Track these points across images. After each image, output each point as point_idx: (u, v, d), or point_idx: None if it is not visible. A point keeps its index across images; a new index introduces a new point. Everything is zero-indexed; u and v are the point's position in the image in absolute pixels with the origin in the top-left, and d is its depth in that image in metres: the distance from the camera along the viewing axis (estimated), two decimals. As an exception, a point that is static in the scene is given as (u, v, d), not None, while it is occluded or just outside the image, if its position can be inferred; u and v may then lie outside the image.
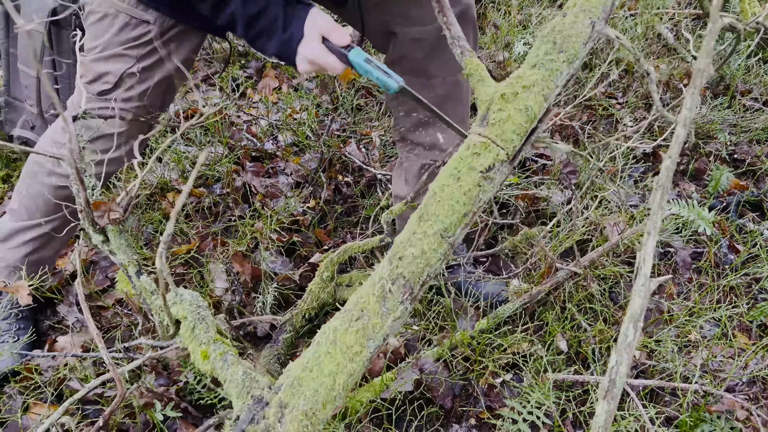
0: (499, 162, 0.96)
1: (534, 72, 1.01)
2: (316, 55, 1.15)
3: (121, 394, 1.04)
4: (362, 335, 0.90)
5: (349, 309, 0.93)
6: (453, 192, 0.97)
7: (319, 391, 0.86)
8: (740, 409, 1.26)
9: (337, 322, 0.92)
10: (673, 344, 1.43)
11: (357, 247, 1.50)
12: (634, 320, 1.02)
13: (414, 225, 0.97)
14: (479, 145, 0.97)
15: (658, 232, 0.83)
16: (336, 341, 0.89)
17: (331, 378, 0.87)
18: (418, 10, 1.38)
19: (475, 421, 1.32)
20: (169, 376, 1.42)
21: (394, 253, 0.96)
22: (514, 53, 2.45)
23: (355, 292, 0.95)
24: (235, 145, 2.17)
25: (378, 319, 0.91)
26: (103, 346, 0.99)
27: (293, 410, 0.84)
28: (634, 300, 0.97)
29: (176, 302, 1.04)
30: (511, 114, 0.98)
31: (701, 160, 2.12)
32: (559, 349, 1.41)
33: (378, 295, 0.93)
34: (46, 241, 1.50)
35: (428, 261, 0.95)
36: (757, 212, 1.92)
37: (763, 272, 1.62)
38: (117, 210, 1.05)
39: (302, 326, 1.51)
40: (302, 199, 1.99)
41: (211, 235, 1.81)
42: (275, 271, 1.72)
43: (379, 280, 0.94)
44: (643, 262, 0.93)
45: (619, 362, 1.00)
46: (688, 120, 0.81)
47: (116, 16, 1.23)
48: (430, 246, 0.95)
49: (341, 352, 0.89)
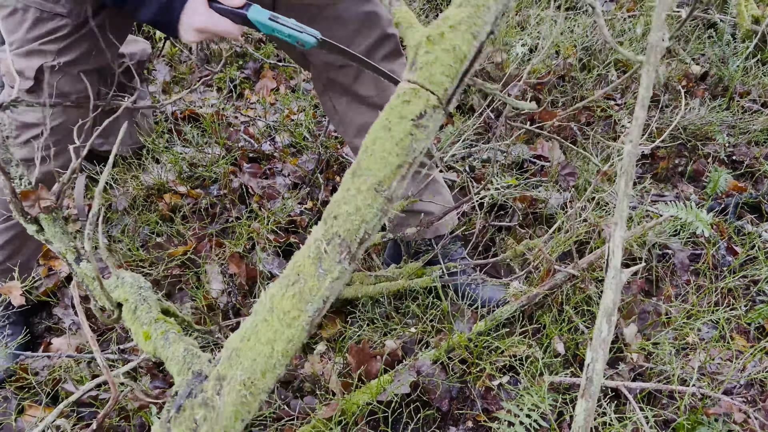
0: (430, 108, 0.91)
1: (460, 11, 0.96)
2: (204, 22, 1.06)
3: (114, 397, 1.03)
4: (299, 299, 0.88)
5: (286, 274, 0.90)
6: (385, 144, 0.93)
7: (257, 360, 0.85)
8: (738, 412, 1.26)
9: (273, 289, 0.89)
10: (670, 346, 1.43)
11: None
12: (607, 315, 0.96)
13: (348, 182, 0.94)
14: (409, 92, 0.92)
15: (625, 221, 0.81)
16: (273, 308, 0.87)
17: (269, 346, 0.85)
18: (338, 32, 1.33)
19: (472, 423, 1.31)
20: (165, 378, 1.41)
21: (329, 212, 0.92)
22: (512, 54, 2.44)
23: (291, 258, 0.93)
24: (233, 146, 2.17)
25: (315, 281, 0.88)
26: (97, 348, 0.98)
27: (231, 381, 0.82)
28: (606, 294, 0.92)
29: (118, 285, 1.03)
30: (439, 55, 0.93)
31: (699, 162, 2.12)
32: (557, 351, 1.40)
33: (314, 257, 0.89)
34: (16, 248, 1.46)
35: (363, 217, 0.92)
36: (756, 214, 1.92)
37: (762, 274, 1.62)
38: (48, 198, 1.04)
39: None
40: (299, 200, 1.99)
41: (207, 236, 1.80)
42: (272, 272, 1.71)
43: (314, 241, 0.90)
44: (612, 254, 0.91)
45: (594, 359, 0.95)
46: (646, 100, 0.79)
47: (26, 11, 1.18)
48: (365, 201, 0.92)
49: (278, 319, 0.86)
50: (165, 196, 1.95)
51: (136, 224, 1.84)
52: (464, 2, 0.96)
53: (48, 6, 1.16)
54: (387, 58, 1.41)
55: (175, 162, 2.05)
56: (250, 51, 2.61)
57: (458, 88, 0.93)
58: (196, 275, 1.68)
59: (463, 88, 0.95)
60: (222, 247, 1.75)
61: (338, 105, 1.45)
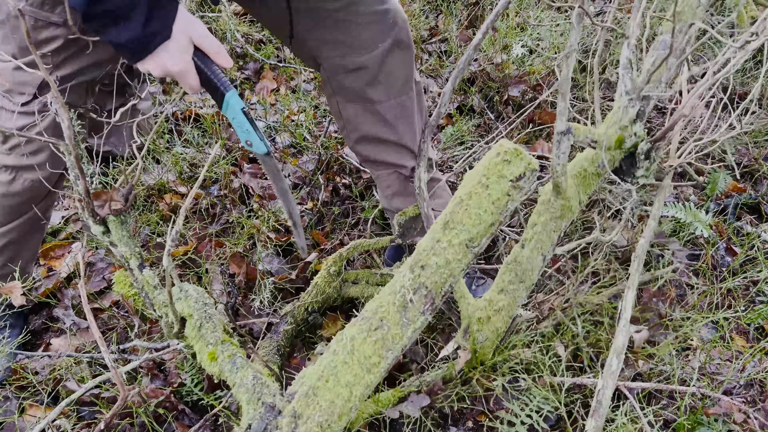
0: (530, 171, 0.99)
1: (501, 297, 1.24)
2: (180, 71, 0.97)
3: (123, 397, 1.03)
4: (381, 346, 0.87)
5: (368, 317, 0.89)
6: (481, 201, 0.94)
7: (336, 403, 0.83)
8: (738, 412, 1.26)
9: (354, 330, 0.89)
10: (670, 347, 1.43)
11: (367, 244, 1.49)
12: (617, 353, 1.17)
13: (438, 233, 0.94)
14: (510, 152, 1.04)
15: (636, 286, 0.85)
16: (354, 351, 0.86)
17: (347, 389, 0.84)
18: (355, 35, 1.32)
19: (473, 423, 1.31)
20: (166, 378, 1.41)
21: (416, 261, 0.92)
22: (512, 55, 2.45)
23: (372, 300, 0.92)
24: (233, 146, 2.17)
25: (398, 330, 0.88)
26: (105, 349, 0.98)
27: (308, 421, 0.81)
28: (617, 338, 1.16)
29: (180, 298, 1.01)
30: (488, 336, 1.23)
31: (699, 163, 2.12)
32: (557, 353, 1.40)
33: (399, 305, 0.90)
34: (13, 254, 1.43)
35: (452, 271, 0.92)
36: (755, 215, 1.92)
37: (761, 275, 1.62)
38: (118, 200, 1.03)
39: (303, 319, 1.51)
40: (299, 200, 1.99)
41: (208, 236, 1.80)
42: (271, 271, 1.72)
43: (400, 288, 0.90)
44: (624, 310, 1.19)
45: (605, 386, 1.12)
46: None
47: (20, 18, 1.13)
48: (455, 256, 0.92)
49: (359, 363, 0.85)
50: (165, 196, 1.95)
51: (137, 224, 1.84)
52: (505, 291, 1.25)
53: (43, 15, 1.10)
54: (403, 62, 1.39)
55: (176, 162, 2.05)
56: (250, 51, 2.61)
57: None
58: (196, 275, 1.68)
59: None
60: (222, 247, 1.75)
61: (344, 111, 1.44)
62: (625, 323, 1.17)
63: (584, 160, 1.37)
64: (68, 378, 1.40)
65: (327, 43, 1.33)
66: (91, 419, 1.34)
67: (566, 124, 1.10)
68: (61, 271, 1.71)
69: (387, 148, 1.48)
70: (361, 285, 1.53)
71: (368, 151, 1.50)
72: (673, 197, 1.98)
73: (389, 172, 1.53)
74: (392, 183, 1.56)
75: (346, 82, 1.38)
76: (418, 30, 2.73)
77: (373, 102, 1.40)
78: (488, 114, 2.34)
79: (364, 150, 1.50)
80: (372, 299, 0.93)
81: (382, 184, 1.59)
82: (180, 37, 0.95)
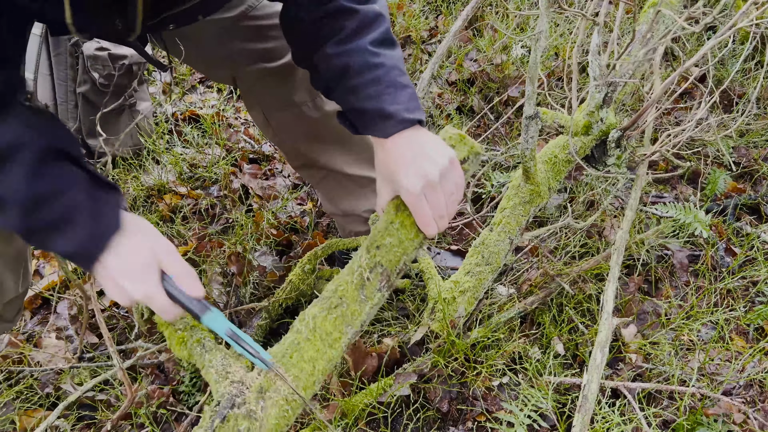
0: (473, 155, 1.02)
1: (467, 279, 1.30)
2: (146, 292, 0.81)
3: (130, 398, 1.04)
4: (341, 322, 0.92)
5: (328, 296, 0.94)
6: None
7: (300, 377, 0.87)
8: (737, 413, 1.26)
9: (315, 309, 0.93)
10: (670, 347, 1.43)
11: (341, 243, 1.50)
12: (601, 346, 1.18)
13: (391, 214, 0.99)
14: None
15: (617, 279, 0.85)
16: (315, 328, 0.91)
17: (310, 364, 0.89)
18: (264, 44, 1.30)
19: (472, 423, 1.31)
20: (166, 379, 1.41)
21: (372, 241, 0.98)
22: (512, 56, 2.45)
23: (332, 280, 0.97)
24: (233, 146, 2.17)
25: (356, 306, 0.94)
26: (114, 350, 0.99)
27: (274, 395, 0.84)
28: (600, 333, 1.19)
29: None
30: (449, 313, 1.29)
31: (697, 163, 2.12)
32: (557, 352, 1.41)
33: (356, 283, 0.95)
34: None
35: (405, 250, 0.98)
36: (755, 215, 1.92)
37: (761, 275, 1.62)
38: None
39: (278, 314, 1.51)
40: (299, 200, 1.99)
41: (207, 236, 1.80)
42: (265, 267, 1.72)
43: (357, 268, 0.96)
44: (605, 302, 1.22)
45: (590, 380, 1.13)
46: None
47: None
48: (407, 235, 0.98)
49: (321, 339, 0.90)
50: (165, 196, 1.96)
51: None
52: (471, 272, 1.31)
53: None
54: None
55: (176, 163, 2.05)
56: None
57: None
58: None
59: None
60: (222, 247, 1.75)
61: (271, 119, 1.42)
62: (607, 316, 1.19)
63: (555, 146, 1.40)
64: (65, 381, 1.40)
65: (239, 53, 1.30)
66: (91, 420, 1.34)
67: (534, 108, 1.12)
68: (60, 272, 1.71)
69: (322, 150, 1.49)
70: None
71: (304, 157, 1.51)
72: (672, 197, 1.98)
73: (326, 175, 1.55)
74: (334, 185, 1.58)
75: (267, 90, 1.36)
76: (418, 30, 2.73)
77: (298, 104, 1.39)
78: (488, 114, 2.34)
79: (299, 157, 1.51)
80: (332, 280, 0.97)
81: (324, 188, 1.60)
82: (132, 247, 0.82)
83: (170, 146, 2.17)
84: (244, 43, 1.29)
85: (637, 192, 1.47)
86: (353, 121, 1.02)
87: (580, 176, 1.97)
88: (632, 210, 1.44)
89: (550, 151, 1.38)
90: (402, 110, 0.95)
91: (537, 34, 1.01)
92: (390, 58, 0.99)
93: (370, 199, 1.61)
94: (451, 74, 2.53)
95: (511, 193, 1.34)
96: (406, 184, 0.93)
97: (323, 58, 1.01)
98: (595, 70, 1.27)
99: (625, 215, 1.43)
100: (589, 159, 1.43)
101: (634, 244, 1.68)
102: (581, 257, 1.67)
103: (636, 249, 1.67)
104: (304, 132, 1.45)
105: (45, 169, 0.77)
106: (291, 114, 1.39)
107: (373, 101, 0.96)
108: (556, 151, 1.38)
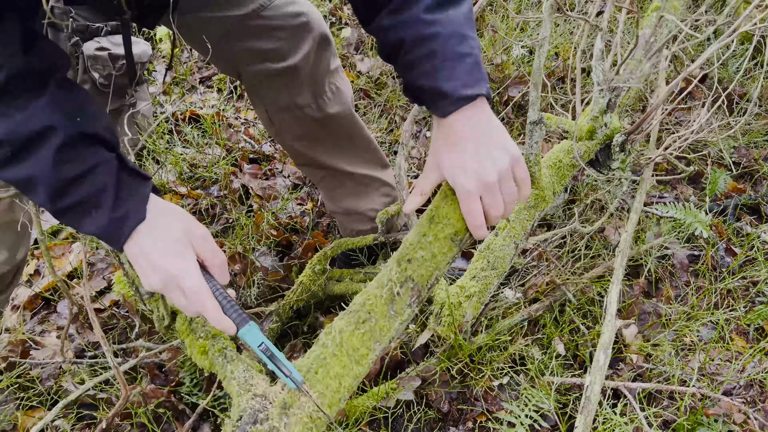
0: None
1: (473, 284, 1.30)
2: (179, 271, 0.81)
3: (125, 396, 1.03)
4: (369, 338, 0.88)
5: (356, 310, 0.90)
6: None
7: (325, 394, 0.84)
8: (737, 413, 1.26)
9: (342, 323, 0.89)
10: (670, 347, 1.43)
11: (350, 242, 1.49)
12: (604, 348, 1.18)
13: (424, 227, 0.94)
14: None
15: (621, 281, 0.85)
16: (342, 343, 0.87)
17: (336, 380, 0.85)
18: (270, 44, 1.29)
19: (473, 424, 1.31)
20: (166, 378, 1.41)
21: (403, 255, 0.93)
22: (512, 56, 2.45)
23: (360, 293, 0.93)
24: (233, 146, 2.17)
25: (385, 322, 0.90)
26: (108, 350, 0.98)
27: (298, 412, 0.82)
28: (603, 335, 1.19)
29: None
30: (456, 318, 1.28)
31: (699, 163, 2.12)
32: (558, 352, 1.41)
33: (386, 298, 0.90)
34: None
35: (437, 264, 0.93)
36: (755, 215, 1.92)
37: (761, 275, 1.62)
38: None
39: (288, 317, 1.51)
40: (299, 200, 1.99)
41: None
42: (266, 267, 1.72)
43: (387, 282, 0.91)
44: (609, 304, 1.22)
45: (593, 382, 1.13)
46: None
47: None
48: (441, 249, 0.93)
49: (347, 355, 0.87)
50: (165, 196, 1.96)
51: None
52: (477, 277, 1.32)
53: None
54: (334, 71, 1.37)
55: (176, 163, 2.05)
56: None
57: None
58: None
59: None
60: (222, 247, 1.75)
61: (274, 118, 1.42)
62: (610, 318, 1.18)
63: (560, 151, 1.40)
64: (66, 380, 1.40)
65: (245, 51, 1.30)
66: (92, 420, 1.34)
67: (538, 114, 1.12)
68: (63, 269, 1.71)
69: (323, 150, 1.49)
70: (345, 282, 1.54)
71: (305, 156, 1.51)
72: (673, 198, 1.98)
73: (327, 174, 1.56)
74: (336, 184, 1.58)
75: (271, 90, 1.35)
76: (418, 30, 2.73)
77: (302, 107, 1.38)
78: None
79: (300, 156, 1.52)
80: (360, 293, 0.93)
81: (326, 187, 1.60)
82: (165, 224, 0.83)
83: (170, 146, 2.17)
84: (251, 41, 1.28)
85: (642, 195, 1.46)
86: (416, 96, 0.94)
87: (581, 176, 1.97)
88: (636, 213, 1.43)
89: (554, 156, 1.37)
90: (460, 86, 0.86)
91: (541, 40, 1.00)
92: (448, 23, 0.88)
93: (372, 197, 1.61)
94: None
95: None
96: (462, 181, 0.87)
97: (379, 29, 0.93)
98: (598, 76, 1.26)
99: (630, 218, 1.42)
100: (594, 163, 1.42)
101: (639, 248, 1.68)
102: (586, 259, 1.67)
103: (642, 254, 1.67)
104: (306, 133, 1.45)
105: (74, 153, 0.79)
106: (293, 115, 1.39)
107: (429, 78, 0.88)
108: (561, 155, 1.37)
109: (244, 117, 2.41)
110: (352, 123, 1.49)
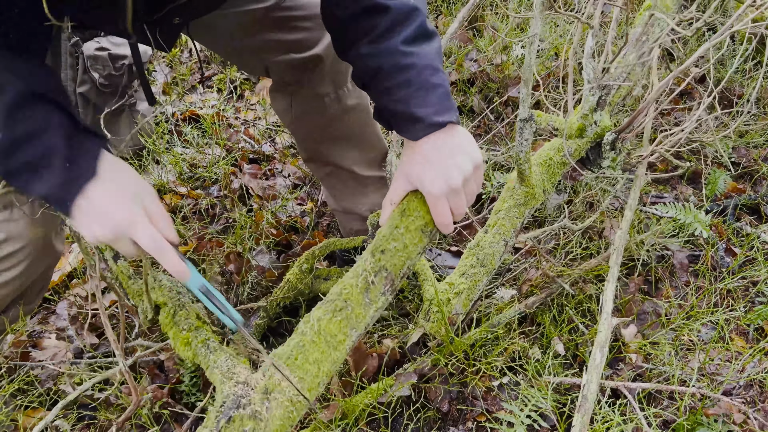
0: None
1: (462, 281, 1.32)
2: (131, 217, 0.81)
3: (135, 402, 1.03)
4: (346, 324, 0.93)
5: (332, 299, 0.95)
6: None
7: (305, 379, 0.88)
8: (737, 413, 1.26)
9: (320, 311, 0.94)
10: (670, 347, 1.43)
11: (339, 243, 1.50)
12: (600, 346, 1.19)
13: (396, 219, 1.00)
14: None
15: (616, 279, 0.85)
16: (320, 331, 0.92)
17: (315, 365, 0.90)
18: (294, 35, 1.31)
19: (472, 423, 1.31)
20: (167, 378, 1.41)
21: (377, 246, 0.99)
22: (512, 56, 2.45)
23: (337, 284, 0.98)
24: (233, 147, 2.17)
25: (361, 309, 0.95)
26: (120, 353, 0.99)
27: (279, 396, 0.85)
28: (600, 333, 1.19)
29: (154, 287, 1.04)
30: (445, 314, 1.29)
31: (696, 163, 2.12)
32: (557, 352, 1.41)
33: (361, 287, 0.96)
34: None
35: (409, 254, 0.99)
36: (755, 215, 1.92)
37: (761, 275, 1.62)
38: None
39: (276, 314, 1.52)
40: (299, 200, 1.99)
41: (207, 236, 1.80)
42: (263, 266, 1.72)
43: (362, 272, 0.97)
44: (605, 302, 1.22)
45: (589, 381, 1.14)
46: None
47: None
48: (412, 240, 0.99)
49: (325, 341, 0.91)
50: (165, 196, 1.96)
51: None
52: (467, 274, 1.32)
53: None
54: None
55: (176, 163, 2.05)
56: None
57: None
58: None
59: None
60: (222, 246, 1.75)
61: (295, 106, 1.44)
62: (606, 316, 1.19)
63: (550, 149, 1.41)
64: (64, 382, 1.40)
65: (269, 43, 1.31)
66: (91, 420, 1.34)
67: (528, 111, 1.12)
68: (63, 269, 1.71)
69: (333, 143, 1.50)
70: (331, 281, 1.55)
71: (314, 150, 1.53)
72: (672, 197, 1.98)
73: (333, 170, 1.57)
74: (340, 182, 1.58)
75: (294, 79, 1.37)
76: (418, 31, 2.73)
77: (321, 96, 1.40)
78: (488, 115, 2.34)
79: (309, 149, 1.53)
80: (336, 283, 0.98)
81: (329, 184, 1.62)
82: (117, 178, 0.83)
83: (170, 146, 2.17)
84: (274, 33, 1.30)
85: (636, 192, 1.47)
86: (387, 120, 1.02)
87: (579, 176, 1.97)
88: (631, 210, 1.44)
89: (545, 154, 1.39)
90: (431, 114, 0.94)
91: (531, 36, 1.01)
92: (423, 56, 0.97)
93: (371, 197, 1.61)
94: (452, 74, 2.53)
95: (505, 195, 1.35)
96: (430, 188, 0.95)
97: (358, 57, 1.01)
98: (589, 73, 1.27)
99: (624, 215, 1.43)
100: (584, 161, 1.43)
101: (634, 245, 1.68)
102: (581, 258, 1.67)
103: (636, 250, 1.67)
104: (321, 124, 1.46)
105: (23, 112, 0.78)
106: (312, 104, 1.41)
107: (403, 104, 0.96)
108: (551, 153, 1.38)
109: (243, 117, 2.41)
110: (367, 119, 1.51)
